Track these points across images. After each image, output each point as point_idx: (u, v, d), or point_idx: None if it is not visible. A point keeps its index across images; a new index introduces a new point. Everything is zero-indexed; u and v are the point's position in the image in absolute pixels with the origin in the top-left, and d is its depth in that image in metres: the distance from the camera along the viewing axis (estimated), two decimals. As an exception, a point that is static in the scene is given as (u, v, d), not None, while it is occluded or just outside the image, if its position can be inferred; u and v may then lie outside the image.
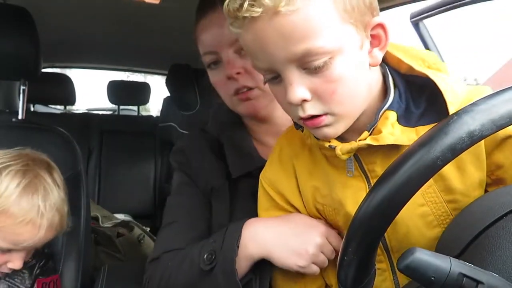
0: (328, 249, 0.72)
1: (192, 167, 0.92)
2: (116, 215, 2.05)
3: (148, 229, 1.94)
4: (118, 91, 2.95)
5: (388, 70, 0.66)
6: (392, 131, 0.61)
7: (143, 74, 4.42)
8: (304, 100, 0.57)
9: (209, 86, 0.94)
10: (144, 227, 1.94)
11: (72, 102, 2.66)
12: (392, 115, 0.62)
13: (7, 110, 2.30)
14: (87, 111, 3.98)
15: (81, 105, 5.53)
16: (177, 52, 0.86)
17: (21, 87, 1.33)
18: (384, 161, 0.63)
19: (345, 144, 0.63)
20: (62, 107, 3.14)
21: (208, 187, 0.89)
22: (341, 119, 0.60)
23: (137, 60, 2.78)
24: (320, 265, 0.72)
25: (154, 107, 5.28)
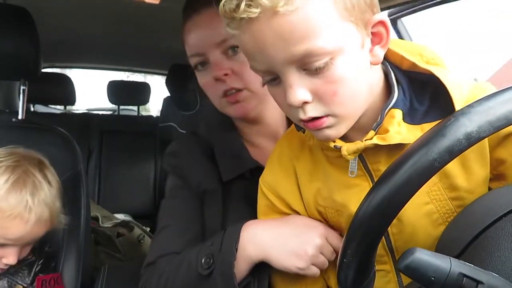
0: (328, 250, 0.71)
1: (185, 170, 0.91)
2: (116, 215, 2.05)
3: (148, 229, 1.95)
4: (118, 91, 2.95)
5: (389, 67, 0.64)
6: (398, 129, 0.60)
7: (143, 74, 4.42)
8: (304, 102, 0.56)
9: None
10: (144, 227, 1.94)
11: (72, 102, 2.66)
12: (398, 113, 0.61)
13: (7, 110, 2.30)
14: (87, 111, 3.98)
15: (81, 105, 5.53)
16: (177, 52, 0.86)
17: (21, 87, 1.33)
18: (389, 159, 0.62)
19: (351, 144, 0.61)
20: (62, 107, 3.14)
21: (201, 190, 0.88)
22: (342, 121, 0.59)
23: (137, 60, 2.78)
24: (320, 266, 0.71)
25: (154, 107, 5.27)
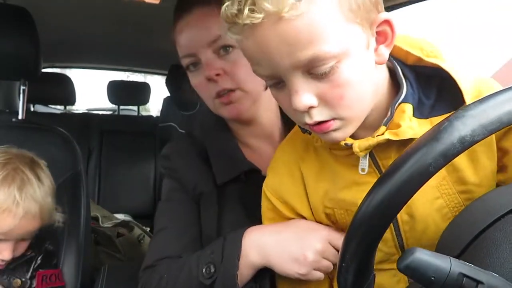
0: (331, 254, 0.69)
1: (180, 173, 0.90)
2: (116, 215, 2.05)
3: (148, 229, 1.95)
4: (118, 91, 2.95)
5: (396, 63, 0.64)
6: (410, 124, 0.59)
7: (143, 74, 4.42)
8: (310, 107, 0.55)
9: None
10: (144, 227, 1.94)
11: (72, 102, 2.66)
12: (408, 108, 0.60)
13: (7, 110, 2.30)
14: (87, 111, 3.98)
15: (81, 105, 5.52)
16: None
17: (21, 87, 1.33)
18: (399, 155, 0.62)
19: (362, 141, 0.60)
20: (62, 107, 3.14)
21: (197, 193, 0.88)
22: (349, 123, 0.58)
23: (137, 60, 2.78)
24: (324, 270, 0.70)
25: (154, 107, 5.27)
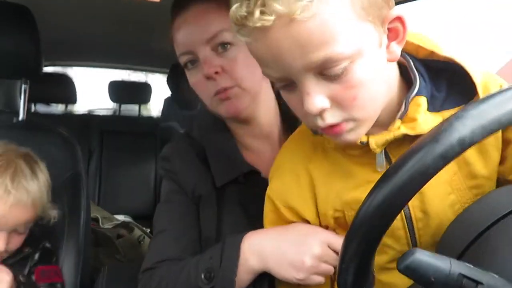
0: (330, 257, 0.68)
1: (178, 175, 0.89)
2: (116, 216, 2.05)
3: (148, 230, 1.95)
4: (119, 91, 2.95)
5: (407, 56, 0.63)
6: (425, 118, 0.58)
7: (144, 73, 4.42)
8: (323, 109, 0.53)
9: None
10: (144, 228, 1.94)
11: (73, 101, 2.66)
12: (423, 101, 0.59)
13: (8, 110, 2.30)
14: (87, 112, 3.98)
15: (83, 105, 5.51)
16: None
17: (22, 86, 1.33)
18: None
19: (379, 137, 0.59)
20: (63, 107, 3.14)
21: (196, 195, 0.87)
22: (362, 124, 0.56)
23: (138, 59, 2.77)
24: (323, 274, 0.69)
25: (154, 107, 5.26)
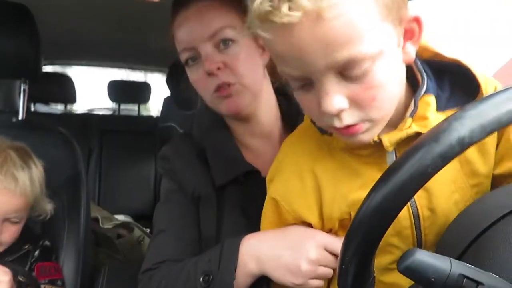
0: (328, 261, 0.67)
1: (178, 175, 0.88)
2: (116, 216, 2.04)
3: (148, 230, 1.94)
4: (118, 91, 2.95)
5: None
6: (436, 116, 0.59)
7: (143, 72, 4.42)
8: (341, 110, 0.53)
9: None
10: (144, 228, 1.93)
11: (73, 101, 2.66)
12: (432, 100, 0.60)
13: (8, 110, 2.30)
14: (87, 112, 3.98)
15: (82, 105, 5.51)
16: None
17: (22, 86, 1.33)
18: None
19: (391, 135, 0.59)
20: (62, 108, 3.14)
21: (196, 195, 0.86)
22: (377, 124, 0.57)
23: (137, 58, 2.77)
24: (322, 278, 0.68)
25: (154, 107, 5.26)
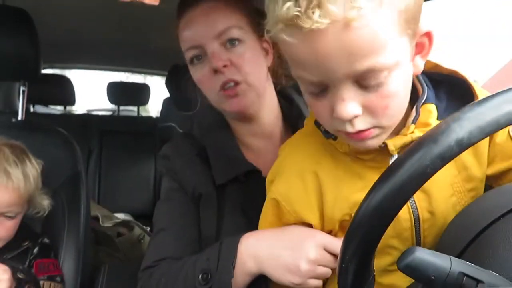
0: (327, 260, 0.68)
1: (178, 173, 0.88)
2: (116, 214, 2.05)
3: (148, 228, 1.95)
4: (117, 92, 2.94)
5: None
6: (437, 123, 0.60)
7: (142, 75, 4.41)
8: (354, 116, 0.54)
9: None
10: (144, 226, 1.94)
11: (72, 103, 2.66)
12: (433, 108, 0.62)
13: (7, 111, 2.29)
14: (87, 112, 3.98)
15: (81, 107, 5.50)
16: (177, 53, 0.86)
17: (21, 88, 1.33)
18: None
19: (396, 140, 0.61)
20: (62, 108, 3.13)
21: (196, 194, 0.86)
22: (387, 130, 0.58)
23: (136, 61, 2.77)
24: (320, 278, 0.69)
25: (153, 108, 5.25)
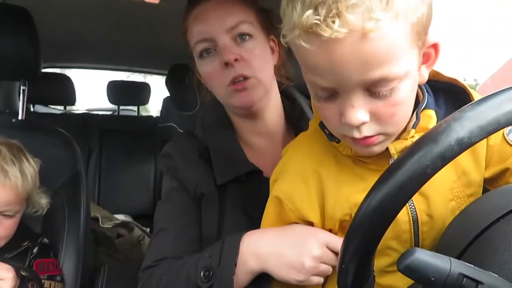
0: (329, 258, 0.69)
1: (180, 173, 0.89)
2: (116, 215, 2.05)
3: (148, 229, 1.94)
4: (117, 91, 2.94)
5: None
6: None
7: (143, 74, 4.42)
8: (362, 122, 0.56)
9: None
10: (144, 227, 1.94)
11: (72, 102, 2.66)
12: (433, 114, 0.64)
13: (7, 111, 2.29)
14: (87, 111, 3.97)
15: (81, 106, 5.51)
16: (177, 52, 0.86)
17: (21, 87, 1.33)
18: None
19: (397, 143, 0.62)
20: (62, 108, 3.13)
21: (198, 194, 0.86)
22: (390, 137, 0.60)
23: (137, 60, 2.77)
24: (323, 275, 0.70)
25: (153, 108, 5.26)
